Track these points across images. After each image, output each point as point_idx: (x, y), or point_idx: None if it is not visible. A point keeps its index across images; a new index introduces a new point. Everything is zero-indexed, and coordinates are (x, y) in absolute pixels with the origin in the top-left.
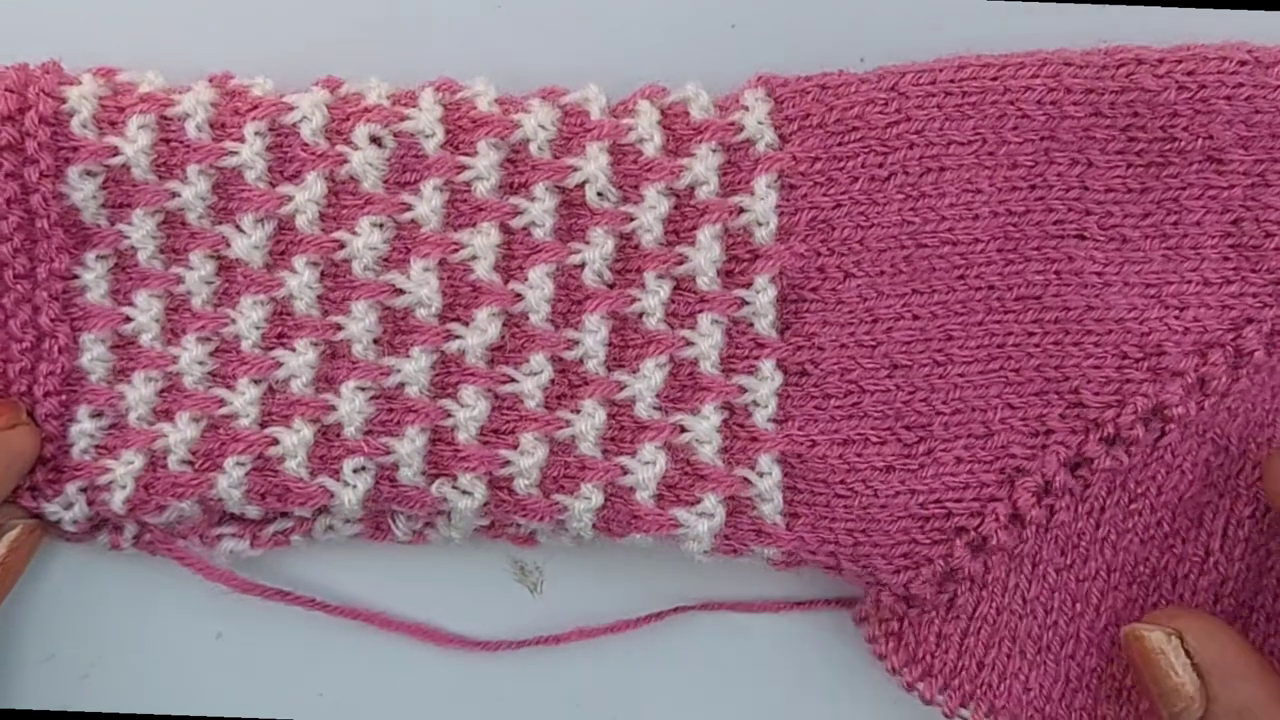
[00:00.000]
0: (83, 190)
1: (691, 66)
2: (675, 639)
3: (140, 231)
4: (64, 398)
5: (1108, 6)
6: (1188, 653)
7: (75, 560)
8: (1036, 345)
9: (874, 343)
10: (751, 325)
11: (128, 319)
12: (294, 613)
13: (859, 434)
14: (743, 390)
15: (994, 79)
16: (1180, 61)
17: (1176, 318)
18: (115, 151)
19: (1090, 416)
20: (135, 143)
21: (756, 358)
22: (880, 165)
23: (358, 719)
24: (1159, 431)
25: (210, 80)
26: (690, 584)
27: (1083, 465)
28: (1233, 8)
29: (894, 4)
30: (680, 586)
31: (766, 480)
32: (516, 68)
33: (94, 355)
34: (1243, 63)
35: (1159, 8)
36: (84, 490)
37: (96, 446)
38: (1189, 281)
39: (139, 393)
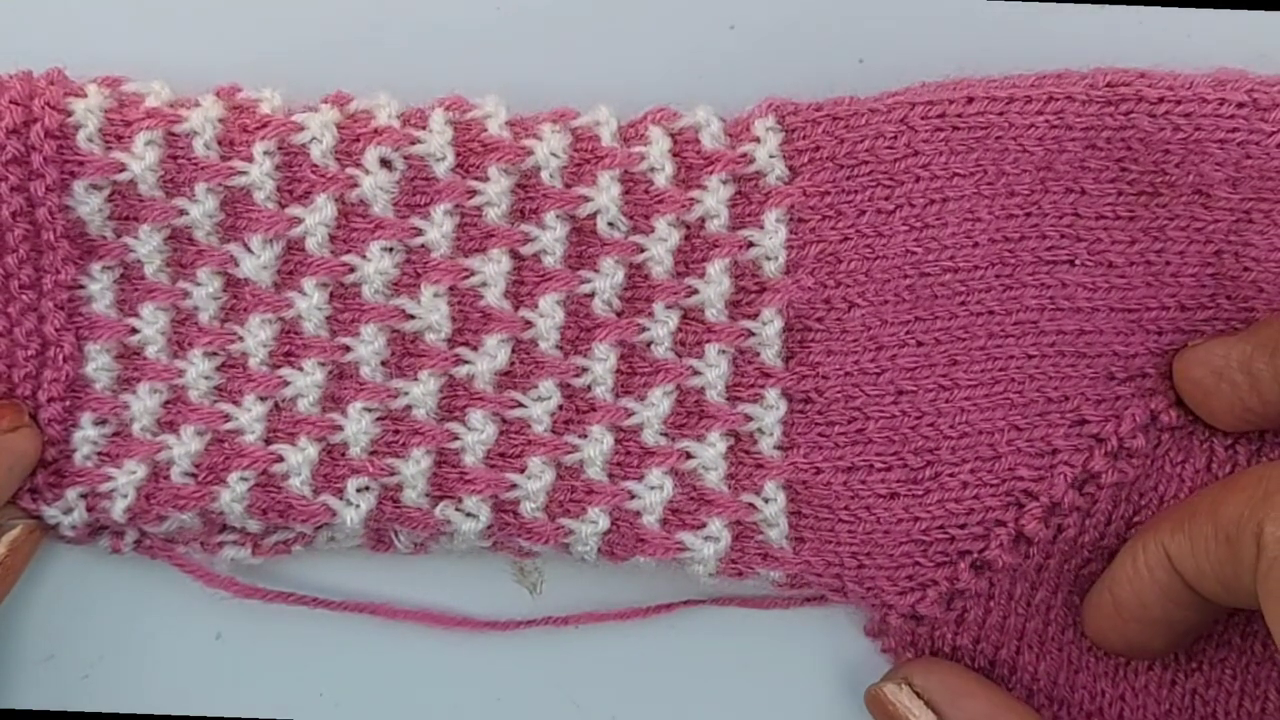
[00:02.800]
0: (89, 204)
1: (690, 67)
2: (682, 634)
3: (147, 246)
4: (68, 404)
5: (1108, 6)
6: (919, 694)
7: (75, 561)
8: (1036, 367)
9: (878, 370)
10: (757, 355)
11: (133, 330)
12: (294, 613)
13: (864, 460)
14: (748, 419)
15: (1000, 114)
16: (1179, 103)
17: (1155, 341)
18: (122, 168)
19: (1093, 432)
20: (143, 160)
21: (762, 387)
22: (887, 199)
23: (358, 719)
24: (1156, 440)
25: (218, 93)
26: (691, 585)
27: (1089, 482)
28: (1233, 8)
29: (894, 4)
30: (681, 587)
31: (772, 506)
32: (513, 66)
33: (99, 365)
34: (1240, 105)
35: (1159, 8)
36: (84, 496)
37: (99, 453)
38: (1166, 308)
39: (144, 404)
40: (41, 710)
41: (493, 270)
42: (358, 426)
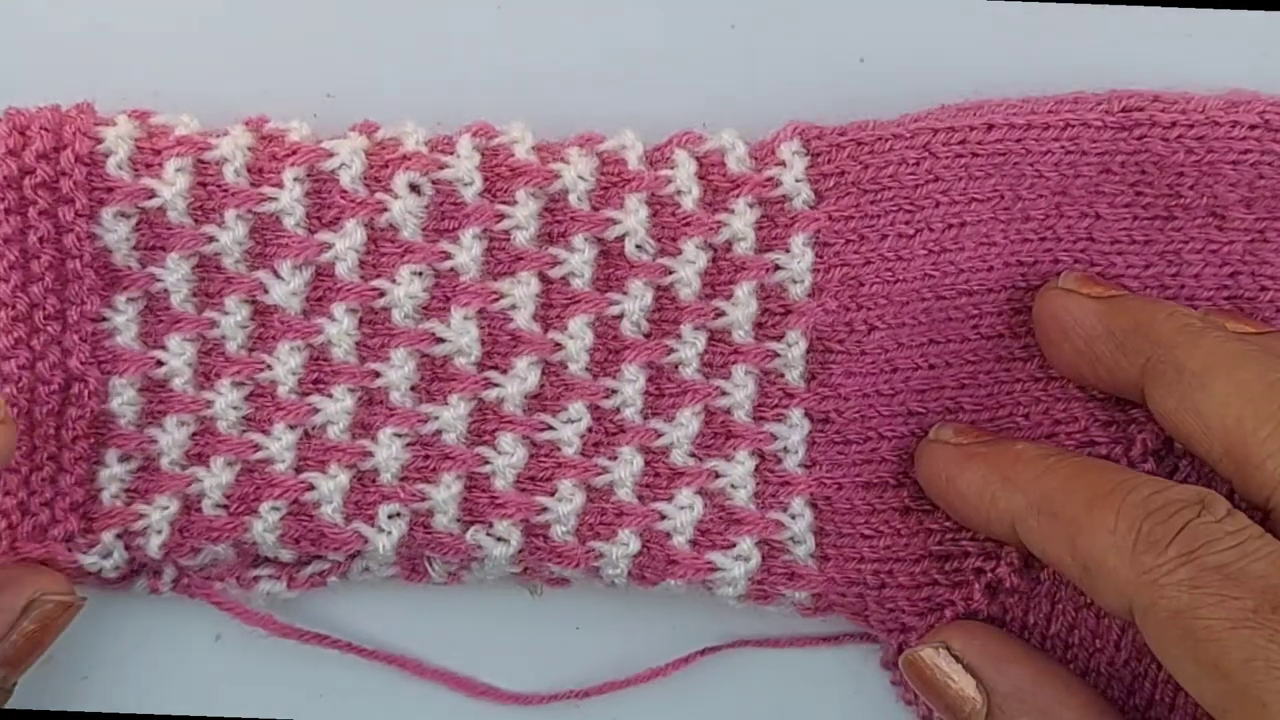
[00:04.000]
0: (116, 232)
1: (691, 66)
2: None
3: (175, 275)
4: (92, 441)
5: (1108, 6)
6: (957, 658)
7: None
8: (1043, 390)
9: (892, 392)
10: (781, 376)
11: (159, 363)
12: (293, 614)
13: (879, 478)
14: (774, 438)
15: (1018, 140)
16: (1192, 126)
17: None
18: (152, 194)
19: (1101, 454)
20: (173, 185)
21: (786, 406)
22: (908, 223)
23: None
24: (1173, 466)
25: (246, 124)
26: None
27: None
28: (1233, 8)
29: (894, 4)
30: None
31: (800, 522)
32: (516, 66)
33: (123, 399)
34: (1253, 127)
35: (1159, 8)
36: (119, 536)
37: (126, 490)
38: None
39: (171, 437)
40: (41, 710)
41: (522, 293)
42: (388, 452)
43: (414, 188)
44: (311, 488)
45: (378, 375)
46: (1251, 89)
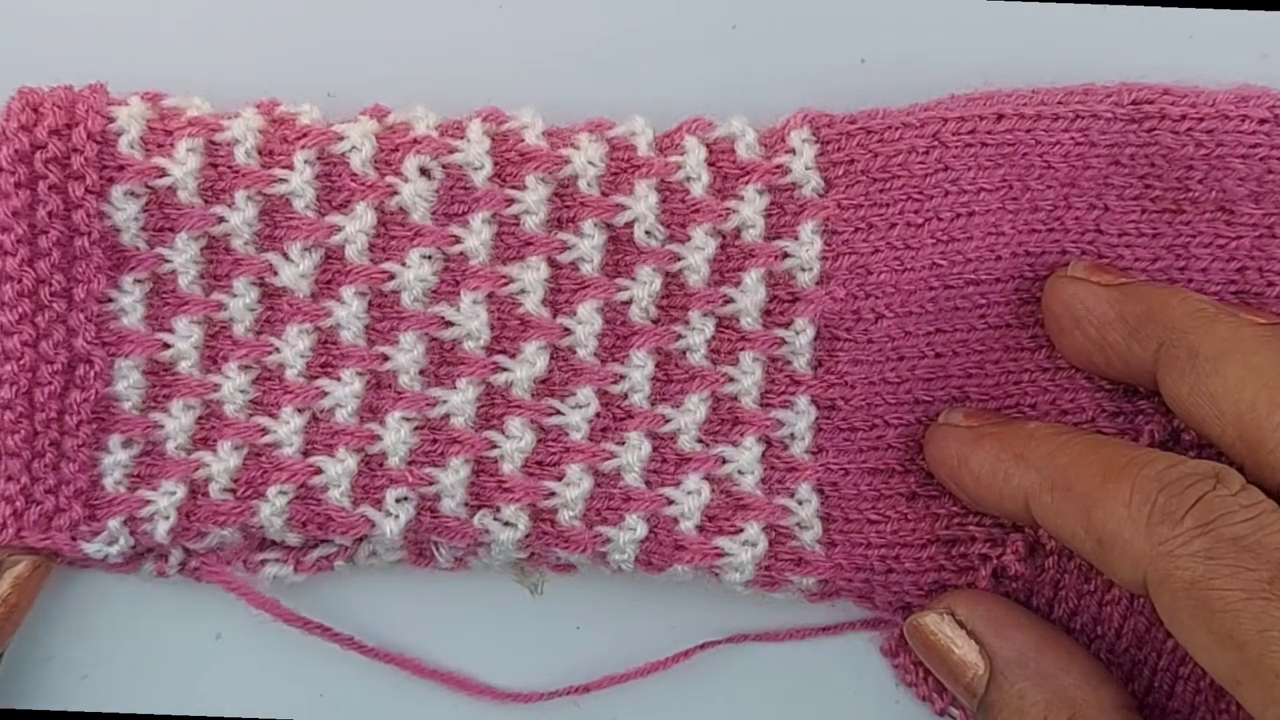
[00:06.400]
0: (125, 210)
1: (692, 67)
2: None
3: (183, 256)
4: (95, 427)
5: (1108, 7)
6: (961, 624)
7: None
8: (1051, 380)
9: (898, 380)
10: (789, 363)
11: (165, 345)
12: (297, 607)
13: (885, 464)
14: (780, 424)
15: (1028, 131)
16: (1201, 120)
17: None
18: (162, 173)
19: None
20: (184, 165)
21: (792, 393)
22: (916, 212)
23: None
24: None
25: (257, 107)
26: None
27: None
28: (1233, 8)
29: (894, 4)
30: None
31: (806, 508)
32: (519, 63)
33: (129, 382)
34: (1263, 121)
35: (1159, 8)
36: (125, 523)
37: (130, 476)
38: None
39: (178, 422)
40: (41, 710)
41: (531, 278)
42: (396, 436)
43: (424, 171)
44: (319, 471)
45: (386, 359)
46: None
